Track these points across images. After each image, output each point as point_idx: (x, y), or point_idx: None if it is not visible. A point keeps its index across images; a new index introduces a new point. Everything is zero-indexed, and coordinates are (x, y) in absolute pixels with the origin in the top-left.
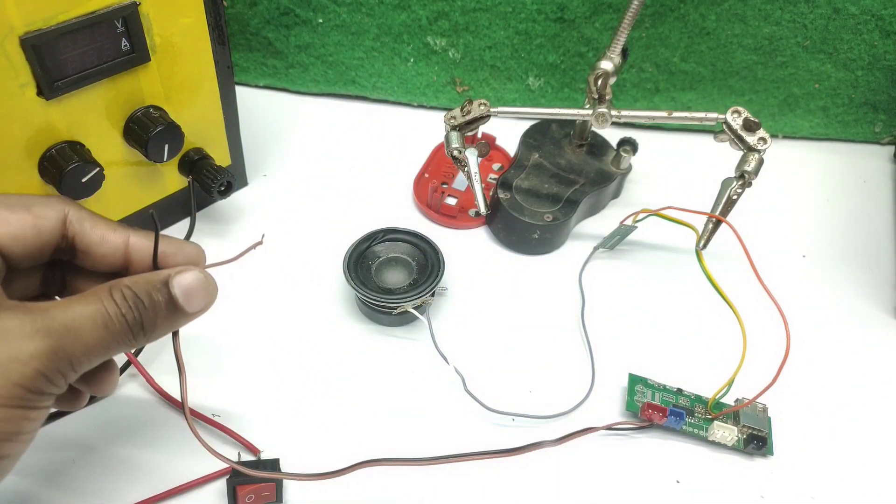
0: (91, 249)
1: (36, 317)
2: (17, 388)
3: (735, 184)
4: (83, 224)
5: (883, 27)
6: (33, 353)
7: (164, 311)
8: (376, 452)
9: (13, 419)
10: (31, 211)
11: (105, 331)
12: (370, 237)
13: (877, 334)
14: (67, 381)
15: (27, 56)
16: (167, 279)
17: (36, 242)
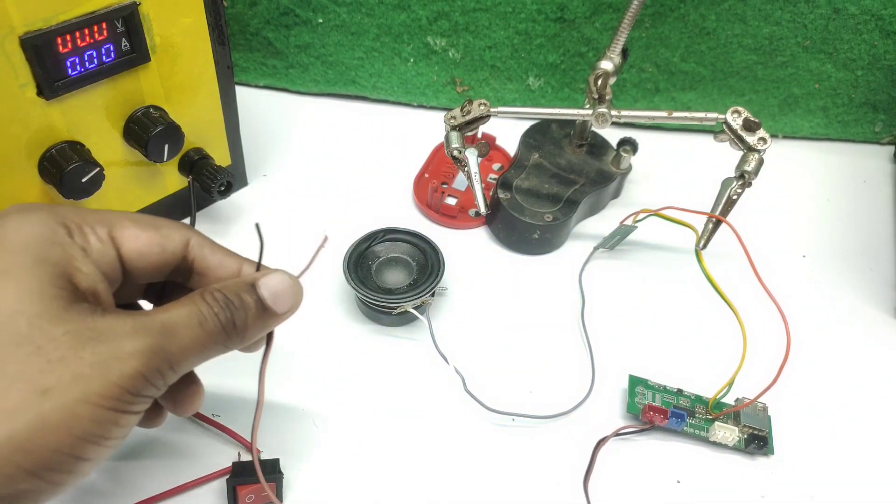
0: (209, 273)
1: (137, 318)
2: (116, 387)
3: (735, 184)
4: (204, 249)
5: (883, 27)
6: (132, 351)
7: (254, 312)
8: (376, 453)
9: (104, 422)
10: (160, 231)
11: (201, 329)
12: (370, 237)
13: (877, 334)
14: (166, 383)
15: (27, 56)
16: (254, 281)
17: (159, 261)
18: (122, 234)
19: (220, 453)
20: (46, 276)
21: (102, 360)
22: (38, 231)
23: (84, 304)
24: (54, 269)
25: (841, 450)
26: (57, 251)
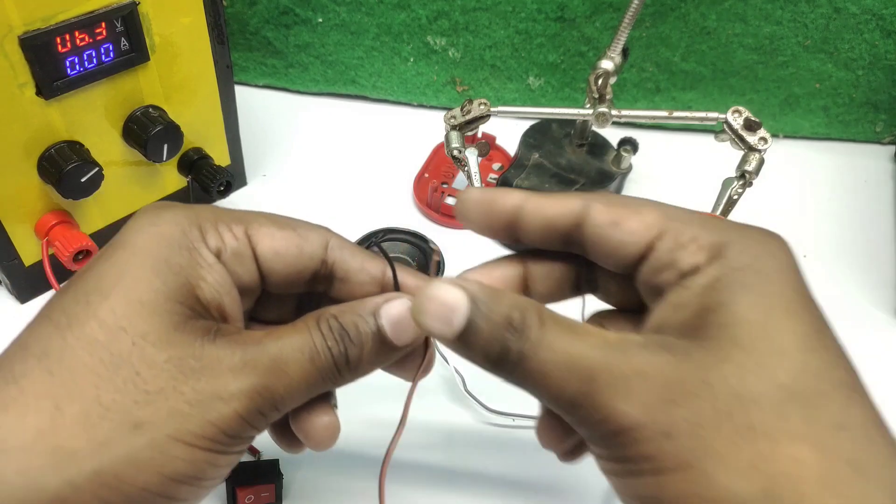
0: (350, 277)
1: (247, 349)
2: (214, 427)
3: (736, 183)
4: (344, 252)
5: (884, 27)
6: (236, 391)
7: (370, 346)
8: (376, 453)
9: (198, 462)
10: (297, 231)
11: (311, 365)
12: (370, 237)
13: (877, 334)
14: (268, 422)
15: (26, 56)
16: (376, 309)
17: (297, 263)
18: (258, 232)
19: None
20: (164, 286)
21: (202, 399)
22: (167, 231)
23: (199, 323)
24: (175, 279)
25: None
26: (183, 256)
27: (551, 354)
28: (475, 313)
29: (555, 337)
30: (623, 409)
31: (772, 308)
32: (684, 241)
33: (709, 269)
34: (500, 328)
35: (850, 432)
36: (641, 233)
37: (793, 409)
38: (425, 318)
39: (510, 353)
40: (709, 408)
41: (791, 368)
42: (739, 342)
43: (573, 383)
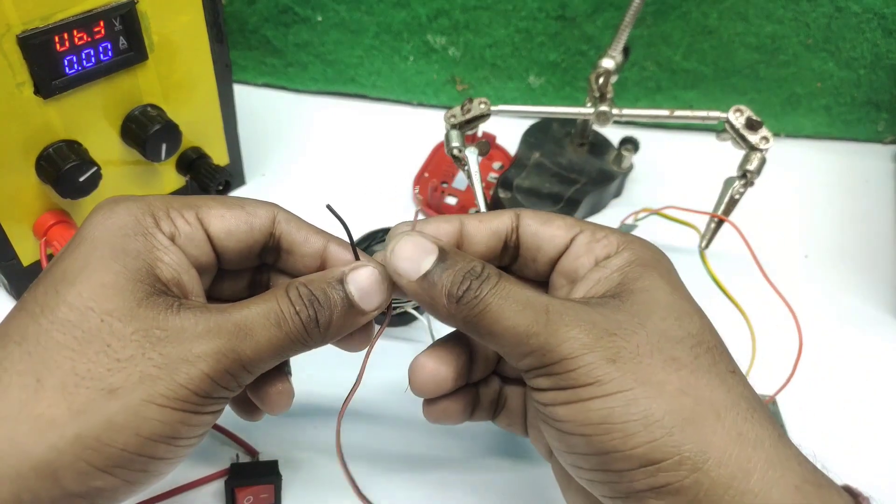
0: (295, 249)
1: (210, 316)
2: (183, 389)
3: (737, 183)
4: (290, 224)
5: (885, 26)
6: (200, 353)
7: (340, 310)
8: (376, 453)
9: (171, 422)
10: (245, 208)
11: (278, 329)
12: (370, 237)
13: (877, 334)
14: (240, 384)
15: (24, 55)
16: (342, 276)
17: (248, 239)
18: (208, 214)
19: (218, 455)
20: (123, 269)
21: (170, 362)
22: (122, 222)
23: (162, 298)
24: (133, 262)
25: (840, 450)
26: (139, 242)
27: (510, 294)
28: (442, 260)
29: (512, 285)
30: (574, 335)
31: (672, 284)
32: (599, 237)
33: (621, 254)
34: (462, 272)
35: (738, 376)
36: (566, 228)
37: (701, 352)
38: (397, 259)
39: (470, 292)
40: (644, 341)
41: (696, 325)
42: (658, 300)
43: (529, 315)
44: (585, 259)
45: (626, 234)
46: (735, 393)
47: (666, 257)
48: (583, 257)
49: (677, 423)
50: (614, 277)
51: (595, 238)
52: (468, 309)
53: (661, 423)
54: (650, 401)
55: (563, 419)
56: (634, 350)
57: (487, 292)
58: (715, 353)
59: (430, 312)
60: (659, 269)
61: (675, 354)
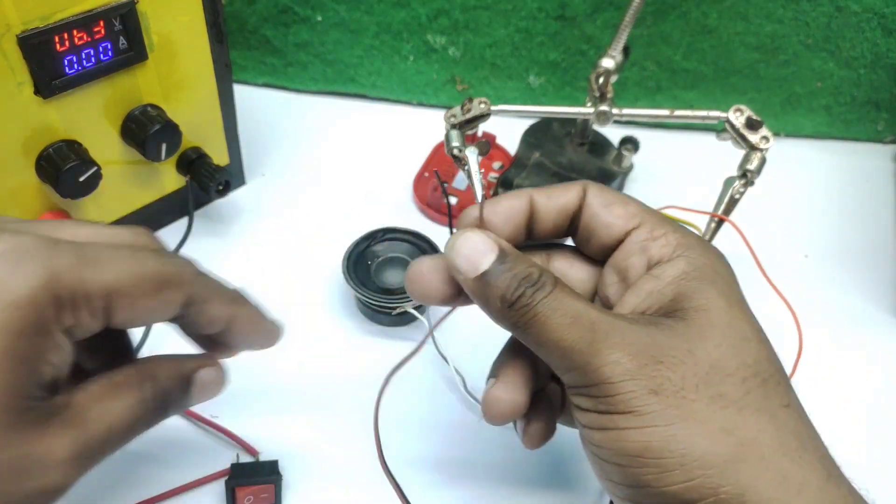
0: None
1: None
2: None
3: (737, 182)
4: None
5: (885, 25)
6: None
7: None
8: (375, 453)
9: None
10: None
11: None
12: (370, 237)
13: (877, 334)
14: None
15: (24, 55)
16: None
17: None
18: (119, 304)
19: (218, 455)
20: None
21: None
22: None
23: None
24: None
25: (839, 450)
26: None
27: (560, 307)
28: (500, 261)
29: (565, 296)
30: (617, 358)
31: (731, 302)
32: (657, 234)
33: (676, 262)
34: (519, 278)
35: (792, 410)
36: (626, 218)
37: (754, 385)
38: (456, 256)
39: (523, 299)
40: (691, 373)
41: (753, 352)
42: (714, 323)
43: (576, 331)
44: (638, 260)
45: (686, 233)
46: (785, 431)
47: (726, 264)
48: (636, 256)
49: (717, 463)
50: (668, 291)
51: (652, 235)
52: (518, 315)
53: (700, 463)
54: (690, 438)
55: (599, 444)
56: (680, 382)
57: (539, 301)
58: (770, 385)
59: (483, 309)
60: (717, 284)
61: (723, 390)
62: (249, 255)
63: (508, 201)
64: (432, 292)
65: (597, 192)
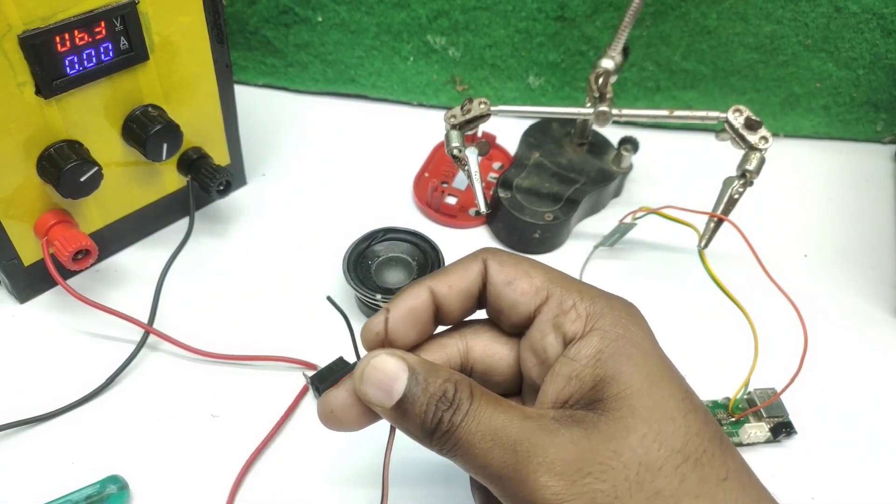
0: None
1: None
2: None
3: (737, 183)
4: None
5: (884, 26)
6: None
7: None
8: (375, 453)
9: None
10: None
11: None
12: (370, 237)
13: (877, 334)
14: None
15: (25, 55)
16: None
17: None
18: None
19: (285, 383)
20: None
21: None
22: None
23: None
24: None
25: (839, 450)
26: None
27: (478, 426)
28: (413, 384)
29: (483, 410)
30: (544, 483)
31: (651, 376)
32: (566, 307)
33: (589, 338)
34: (435, 399)
35: (731, 481)
36: (531, 294)
37: (687, 470)
38: (367, 387)
39: (443, 424)
40: (622, 479)
41: (680, 433)
42: (635, 411)
43: (498, 454)
44: (553, 339)
45: (594, 298)
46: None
47: (639, 321)
48: (550, 336)
49: None
50: (586, 377)
51: (562, 309)
52: (441, 444)
53: None
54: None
55: None
56: (612, 492)
57: (458, 426)
58: (703, 463)
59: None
60: (633, 358)
61: (658, 486)
62: (250, 255)
63: (406, 302)
64: (352, 425)
65: (497, 268)
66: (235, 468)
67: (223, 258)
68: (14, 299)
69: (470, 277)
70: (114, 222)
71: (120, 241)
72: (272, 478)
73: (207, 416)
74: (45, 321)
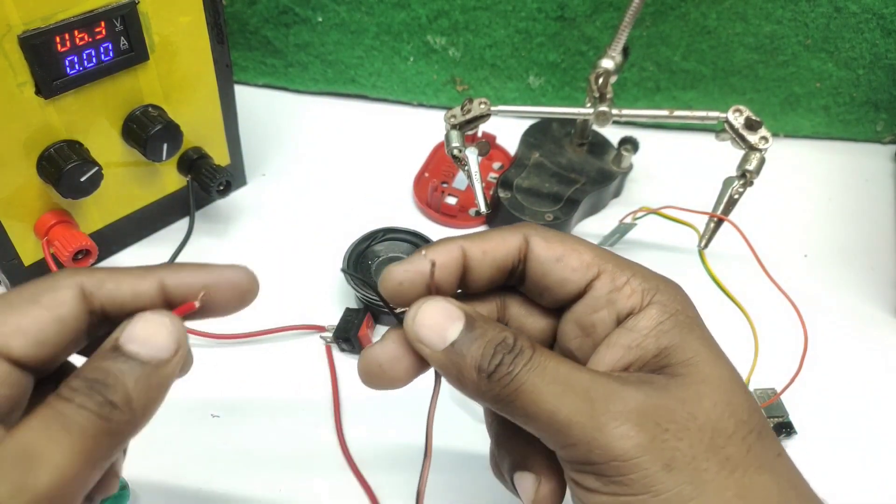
0: (126, 310)
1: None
2: None
3: (737, 183)
4: (105, 286)
5: (884, 26)
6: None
7: (133, 376)
8: (376, 452)
9: None
10: (41, 302)
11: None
12: (370, 237)
13: (877, 334)
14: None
15: (26, 55)
16: (115, 342)
17: (61, 339)
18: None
19: None
20: None
21: None
22: None
23: None
24: None
25: (839, 451)
26: None
27: (547, 373)
28: (468, 328)
29: (548, 359)
30: (624, 432)
31: (714, 350)
32: (619, 283)
33: (648, 310)
34: (493, 344)
35: (784, 458)
36: (583, 271)
37: (752, 441)
38: (420, 329)
39: (503, 367)
40: (698, 441)
41: (745, 406)
42: (706, 379)
43: (570, 401)
44: (606, 313)
45: (647, 275)
46: (785, 484)
47: (690, 301)
48: (603, 310)
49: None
50: (648, 345)
51: (616, 285)
52: (500, 386)
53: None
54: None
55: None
56: (689, 452)
57: (521, 368)
58: (764, 437)
59: (458, 387)
60: (695, 331)
61: (729, 453)
62: (250, 255)
63: (447, 253)
64: (398, 381)
65: (543, 244)
66: (237, 467)
67: (223, 258)
68: None
69: (508, 248)
70: (114, 222)
71: (120, 241)
72: None
73: (208, 416)
74: None
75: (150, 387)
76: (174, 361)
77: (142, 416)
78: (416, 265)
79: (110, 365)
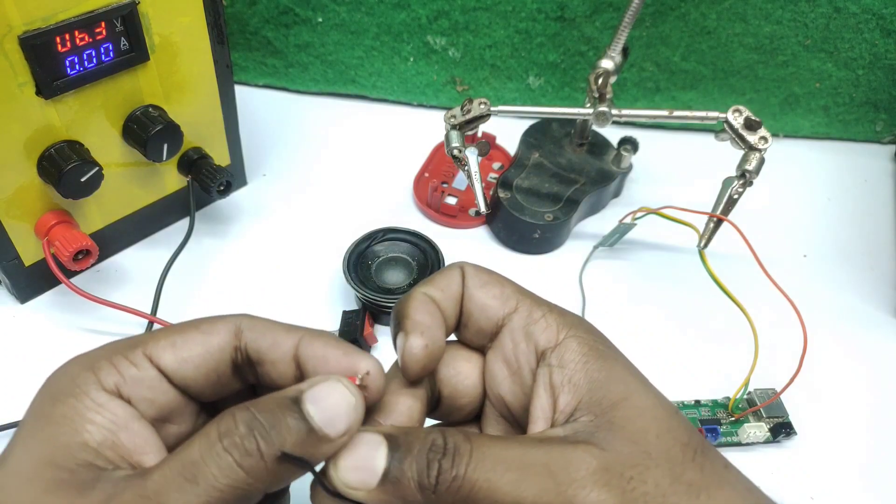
0: (263, 357)
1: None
2: None
3: (736, 183)
4: (254, 331)
5: (884, 26)
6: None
7: (296, 437)
8: None
9: None
10: (200, 328)
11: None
12: (370, 237)
13: (877, 334)
14: None
15: (26, 55)
16: (298, 395)
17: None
18: (157, 348)
19: None
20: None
21: None
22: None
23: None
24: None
25: (838, 451)
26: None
27: (495, 463)
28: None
29: (489, 446)
30: (596, 498)
31: (636, 376)
32: (536, 317)
33: (567, 344)
34: (425, 453)
35: (731, 468)
36: (502, 300)
37: (704, 461)
38: (347, 474)
39: (445, 474)
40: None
41: (682, 428)
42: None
43: (532, 485)
44: (525, 347)
45: (561, 311)
46: (743, 490)
47: (604, 335)
48: (522, 343)
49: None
50: (580, 381)
51: (532, 319)
52: (452, 494)
53: None
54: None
55: None
56: (658, 490)
57: (465, 468)
58: (707, 453)
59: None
60: (616, 359)
61: (689, 478)
62: (251, 255)
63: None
64: None
65: (473, 272)
66: None
67: (224, 258)
68: (14, 299)
69: (455, 281)
70: (114, 222)
71: (120, 242)
72: None
73: None
74: (46, 321)
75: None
76: (336, 443)
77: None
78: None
79: (283, 415)
